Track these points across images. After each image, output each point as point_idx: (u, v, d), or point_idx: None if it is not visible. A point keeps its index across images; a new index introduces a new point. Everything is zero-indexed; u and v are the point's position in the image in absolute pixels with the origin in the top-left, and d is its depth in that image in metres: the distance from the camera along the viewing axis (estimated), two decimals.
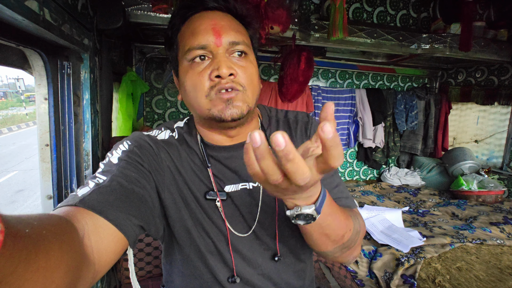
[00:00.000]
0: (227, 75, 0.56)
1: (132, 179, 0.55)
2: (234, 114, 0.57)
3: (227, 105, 0.57)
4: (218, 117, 0.58)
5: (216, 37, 0.57)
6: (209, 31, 0.57)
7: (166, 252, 0.73)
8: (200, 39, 0.57)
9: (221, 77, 0.56)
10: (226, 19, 0.60)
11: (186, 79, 0.60)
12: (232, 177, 0.66)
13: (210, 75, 0.57)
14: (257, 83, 0.62)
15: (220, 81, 0.56)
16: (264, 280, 0.68)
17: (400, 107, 2.82)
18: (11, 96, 26.33)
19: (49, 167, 0.93)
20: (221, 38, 0.57)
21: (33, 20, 0.61)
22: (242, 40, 0.59)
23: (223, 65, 0.55)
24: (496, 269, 1.41)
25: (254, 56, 0.64)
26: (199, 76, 0.58)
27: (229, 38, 0.57)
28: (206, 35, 0.57)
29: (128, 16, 1.34)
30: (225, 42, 0.57)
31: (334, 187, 0.69)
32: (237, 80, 0.58)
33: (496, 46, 2.15)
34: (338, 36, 1.62)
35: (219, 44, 0.57)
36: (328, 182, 0.69)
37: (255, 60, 0.64)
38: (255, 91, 0.62)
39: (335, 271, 1.44)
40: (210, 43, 0.57)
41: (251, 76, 0.60)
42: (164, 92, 2.26)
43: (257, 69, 0.64)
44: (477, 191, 2.34)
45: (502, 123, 2.67)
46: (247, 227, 0.67)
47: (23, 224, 0.28)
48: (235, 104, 0.57)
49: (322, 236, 0.54)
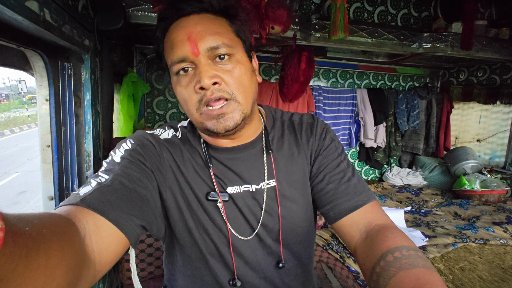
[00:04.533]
0: (210, 86, 0.54)
1: (134, 178, 0.54)
2: (228, 127, 0.56)
3: (218, 120, 0.56)
4: (212, 129, 0.57)
5: (192, 46, 0.54)
6: (185, 42, 0.54)
7: (167, 253, 0.73)
8: (178, 52, 0.55)
9: (204, 88, 0.54)
10: (202, 23, 0.56)
11: (177, 92, 0.60)
12: (235, 179, 0.65)
13: (194, 88, 0.55)
14: (249, 82, 0.59)
15: (205, 93, 0.55)
16: (266, 284, 0.67)
17: (401, 107, 2.81)
18: (13, 98, 26.47)
19: (50, 168, 0.93)
20: (197, 46, 0.54)
21: (33, 21, 0.61)
22: (222, 43, 0.55)
23: (204, 76, 0.53)
24: (499, 269, 1.40)
25: (242, 52, 0.60)
26: (186, 90, 0.57)
27: (206, 44, 0.54)
28: (182, 46, 0.55)
29: (128, 17, 1.35)
30: (203, 49, 0.54)
31: (346, 181, 0.65)
32: (224, 88, 0.55)
33: (498, 45, 2.14)
34: (339, 35, 1.62)
35: (197, 53, 0.54)
36: (332, 175, 0.66)
37: (245, 56, 0.60)
38: (248, 92, 0.59)
39: (337, 272, 1.43)
40: (188, 54, 0.54)
41: (240, 79, 0.57)
42: (165, 93, 2.27)
43: (248, 65, 0.61)
44: (479, 190, 2.33)
45: (505, 122, 2.65)
46: (250, 230, 0.66)
47: (24, 223, 0.28)
48: (227, 117, 0.56)
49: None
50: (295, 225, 0.67)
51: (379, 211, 0.63)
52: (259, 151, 0.68)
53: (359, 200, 0.63)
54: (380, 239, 0.53)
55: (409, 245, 0.50)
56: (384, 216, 0.62)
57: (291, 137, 0.71)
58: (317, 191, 0.68)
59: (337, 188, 0.64)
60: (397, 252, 0.48)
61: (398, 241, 0.51)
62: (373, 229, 0.58)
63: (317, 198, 0.68)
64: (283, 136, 0.71)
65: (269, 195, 0.66)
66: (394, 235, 0.53)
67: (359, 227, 0.61)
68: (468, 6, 1.86)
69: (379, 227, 0.58)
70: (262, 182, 0.66)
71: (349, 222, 0.62)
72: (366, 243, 0.57)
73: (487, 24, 2.17)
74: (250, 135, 0.67)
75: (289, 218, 0.67)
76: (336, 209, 0.63)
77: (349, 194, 0.63)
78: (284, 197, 0.67)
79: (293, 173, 0.68)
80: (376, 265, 0.49)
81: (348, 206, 0.62)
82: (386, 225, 0.58)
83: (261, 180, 0.66)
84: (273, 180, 0.66)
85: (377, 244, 0.53)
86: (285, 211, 0.66)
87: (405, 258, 0.46)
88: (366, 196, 0.64)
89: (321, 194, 0.66)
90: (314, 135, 0.70)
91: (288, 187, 0.67)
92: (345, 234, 0.63)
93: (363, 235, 0.60)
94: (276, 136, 0.70)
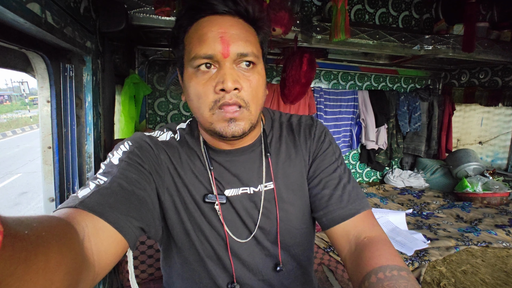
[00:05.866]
0: (232, 89, 0.54)
1: (133, 180, 0.54)
2: (236, 133, 0.57)
3: (229, 124, 0.56)
4: (219, 133, 0.57)
5: (224, 47, 0.53)
6: (217, 40, 0.54)
7: (164, 255, 0.72)
8: (207, 48, 0.54)
9: (225, 91, 0.54)
10: (236, 26, 0.56)
11: (190, 86, 0.58)
12: (233, 181, 0.65)
13: (215, 88, 0.55)
14: (262, 94, 0.60)
15: (224, 96, 0.54)
16: (265, 286, 0.67)
17: (403, 109, 2.80)
18: (16, 99, 26.61)
19: (51, 169, 0.93)
20: (229, 48, 0.54)
21: (35, 23, 0.61)
22: (251, 51, 0.56)
23: (228, 79, 0.53)
24: (502, 273, 1.38)
25: (262, 64, 0.61)
26: (203, 87, 0.56)
27: (237, 49, 0.54)
28: (213, 44, 0.54)
29: (130, 18, 1.35)
30: (233, 53, 0.54)
31: (342, 187, 0.65)
32: (241, 96, 0.56)
33: (500, 47, 2.14)
34: (340, 37, 1.62)
35: (227, 55, 0.54)
36: (328, 180, 0.66)
37: (263, 69, 0.62)
38: (259, 105, 0.60)
39: (339, 274, 1.42)
40: (217, 53, 0.54)
41: (256, 90, 0.58)
42: (167, 95, 2.27)
43: (264, 78, 0.62)
44: (482, 193, 2.31)
45: (507, 124, 2.64)
46: (247, 232, 0.66)
47: (22, 226, 0.28)
48: (238, 123, 0.56)
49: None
50: (293, 227, 0.67)
51: (371, 222, 0.62)
52: (257, 153, 0.68)
53: (353, 208, 0.63)
54: (366, 256, 0.54)
55: (394, 264, 0.50)
56: (375, 227, 0.61)
57: (289, 139, 0.71)
58: (312, 195, 0.68)
59: (332, 194, 0.64)
60: (380, 273, 0.49)
61: (383, 260, 0.51)
62: (362, 242, 0.58)
63: (312, 202, 0.68)
64: (281, 138, 0.70)
65: (266, 198, 0.66)
66: (380, 253, 0.53)
67: (349, 237, 0.61)
68: (470, 8, 1.85)
69: (368, 240, 0.58)
70: (260, 185, 0.66)
71: (341, 231, 0.62)
72: (354, 258, 0.57)
73: (488, 26, 2.16)
74: (250, 138, 0.67)
75: (287, 220, 0.66)
76: (329, 216, 0.63)
77: (343, 202, 0.63)
78: (282, 200, 0.66)
79: (291, 175, 0.68)
80: (361, 284, 0.50)
81: (341, 214, 0.62)
82: (374, 239, 0.58)
83: (259, 182, 0.66)
84: (271, 183, 0.66)
85: (363, 261, 0.53)
86: (283, 214, 0.66)
87: (387, 280, 0.47)
88: (360, 205, 0.64)
89: (316, 199, 0.66)
90: (313, 137, 0.70)
91: (286, 189, 0.67)
92: (336, 242, 0.63)
93: (352, 247, 0.60)
94: (274, 138, 0.70)
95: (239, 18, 0.58)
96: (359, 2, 2.37)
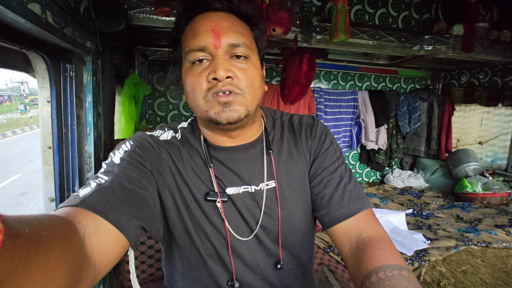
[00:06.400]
0: (224, 78, 0.55)
1: (134, 179, 0.54)
2: (231, 118, 0.57)
3: (224, 108, 0.56)
4: (215, 119, 0.57)
5: (215, 38, 0.56)
6: (208, 32, 0.56)
7: (166, 254, 0.73)
8: (199, 40, 0.56)
9: (218, 79, 0.55)
10: (228, 20, 0.58)
11: (186, 80, 0.60)
12: (234, 179, 0.65)
13: (207, 77, 0.56)
14: (258, 86, 0.61)
15: (217, 84, 0.56)
16: (266, 285, 0.67)
17: (402, 109, 2.80)
18: (16, 100, 26.61)
19: (51, 170, 0.94)
20: (220, 39, 0.56)
21: (35, 23, 0.61)
22: (243, 42, 0.58)
23: (220, 68, 0.54)
24: (502, 273, 1.38)
25: (257, 58, 0.62)
26: (197, 78, 0.57)
27: (228, 40, 0.56)
28: (205, 36, 0.56)
29: (130, 19, 1.35)
30: (224, 44, 0.56)
31: (343, 186, 0.65)
32: (236, 83, 0.57)
33: (500, 47, 2.14)
34: (340, 38, 1.62)
35: (218, 45, 0.56)
36: (329, 179, 0.66)
37: (258, 62, 0.63)
38: (256, 94, 0.61)
39: (339, 275, 1.42)
40: (209, 44, 0.56)
41: (252, 79, 0.59)
42: (167, 95, 2.27)
43: (260, 71, 0.63)
44: (481, 193, 2.31)
45: (506, 124, 2.64)
46: (249, 231, 0.66)
47: (23, 224, 0.28)
48: (233, 108, 0.57)
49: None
50: (295, 226, 0.67)
51: (372, 221, 0.62)
52: (259, 151, 0.68)
53: (354, 207, 0.63)
54: (367, 255, 0.54)
55: (394, 263, 0.50)
56: (376, 226, 0.62)
57: (290, 138, 0.71)
58: (313, 194, 0.68)
59: (333, 193, 0.64)
60: (381, 273, 0.49)
61: (384, 260, 0.51)
62: (363, 241, 0.58)
63: (313, 201, 0.68)
64: (283, 137, 0.71)
65: (268, 196, 0.66)
66: (381, 252, 0.53)
67: (350, 236, 0.61)
68: (469, 8, 1.86)
69: (369, 239, 0.58)
70: (262, 183, 0.66)
71: (342, 230, 0.62)
72: (355, 257, 0.57)
73: (488, 26, 2.16)
74: (251, 135, 0.67)
75: (289, 219, 0.66)
76: (331, 215, 0.63)
77: (344, 201, 0.63)
78: (284, 198, 0.66)
79: (292, 173, 0.68)
80: (362, 284, 0.50)
81: (342, 213, 0.62)
82: (375, 238, 0.58)
83: (260, 181, 0.66)
84: (273, 181, 0.66)
85: (364, 260, 0.53)
86: (285, 212, 0.66)
87: (388, 280, 0.47)
88: (361, 204, 0.64)
89: (317, 198, 0.66)
90: (314, 136, 0.71)
91: (288, 188, 0.67)
92: (337, 241, 0.63)
93: (353, 246, 0.60)
94: (276, 136, 0.71)
95: (232, 14, 0.60)
96: (359, 2, 2.37)
